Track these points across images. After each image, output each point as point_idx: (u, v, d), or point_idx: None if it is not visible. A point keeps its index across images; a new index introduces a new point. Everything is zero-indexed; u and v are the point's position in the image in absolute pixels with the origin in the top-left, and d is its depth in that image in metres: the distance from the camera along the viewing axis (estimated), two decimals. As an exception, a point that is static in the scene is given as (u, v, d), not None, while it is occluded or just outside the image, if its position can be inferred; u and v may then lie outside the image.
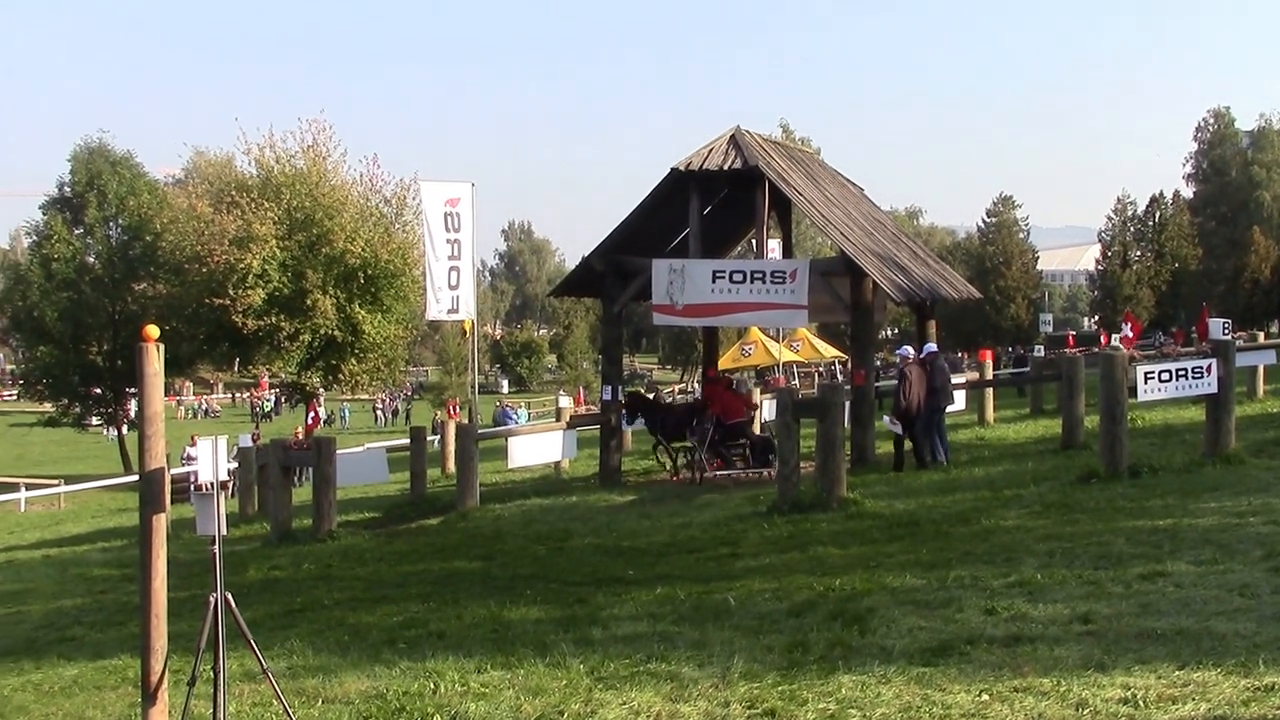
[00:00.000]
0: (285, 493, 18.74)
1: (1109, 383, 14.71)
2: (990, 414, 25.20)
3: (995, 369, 34.98)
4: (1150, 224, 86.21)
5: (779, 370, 48.34)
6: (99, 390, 49.33)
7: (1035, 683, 6.63)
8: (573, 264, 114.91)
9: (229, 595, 6.91)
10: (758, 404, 24.92)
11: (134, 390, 47.34)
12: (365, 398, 69.63)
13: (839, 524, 13.58)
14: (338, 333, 39.31)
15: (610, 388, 21.34)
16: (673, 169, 19.82)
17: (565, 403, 33.53)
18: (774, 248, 24.63)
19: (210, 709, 7.10)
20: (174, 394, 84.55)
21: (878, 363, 21.81)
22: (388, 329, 40.60)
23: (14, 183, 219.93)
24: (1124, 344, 26.84)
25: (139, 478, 7.02)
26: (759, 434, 21.88)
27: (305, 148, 39.92)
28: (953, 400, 19.84)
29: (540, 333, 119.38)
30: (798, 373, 56.52)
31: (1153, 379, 15.06)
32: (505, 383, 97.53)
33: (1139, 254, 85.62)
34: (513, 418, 52.57)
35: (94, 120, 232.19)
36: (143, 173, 50.33)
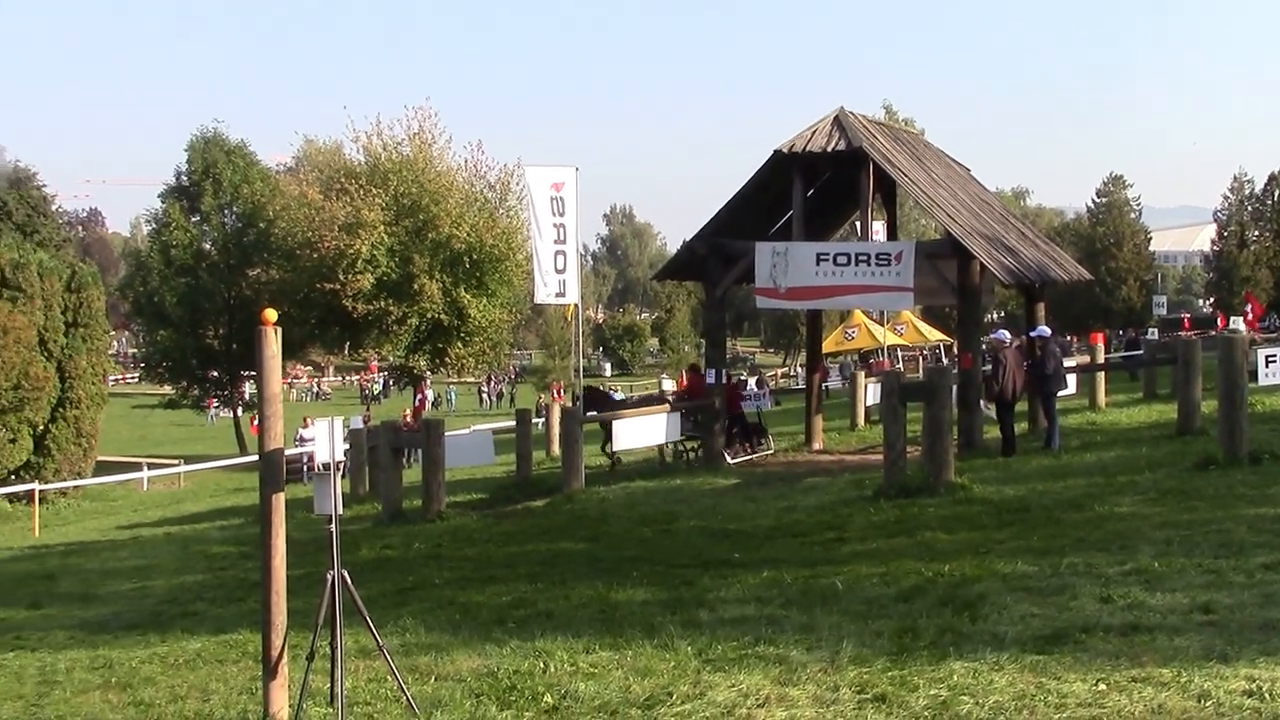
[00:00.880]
0: (396, 474, 19.06)
1: (1228, 366, 14.33)
2: (1102, 398, 24.68)
3: (1106, 352, 34.27)
4: (1269, 203, 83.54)
5: (883, 353, 47.89)
6: (215, 373, 50.60)
7: (1154, 673, 6.50)
8: (674, 248, 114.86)
9: (345, 573, 7.05)
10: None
11: (249, 373, 48.58)
12: (471, 380, 70.45)
13: (947, 509, 13.43)
14: (444, 317, 39.86)
15: (714, 371, 21.32)
16: (776, 151, 19.71)
17: (668, 386, 33.53)
18: (878, 230, 24.39)
19: (327, 684, 7.26)
20: (286, 377, 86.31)
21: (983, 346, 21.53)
22: (492, 313, 41.05)
23: (136, 172, 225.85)
24: (1246, 326, 26.09)
25: (259, 457, 7.18)
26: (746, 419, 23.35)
27: (411, 135, 40.53)
28: (1065, 385, 19.50)
29: (642, 316, 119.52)
30: (902, 356, 55.95)
31: (1274, 363, 14.68)
32: (608, 366, 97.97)
33: (1257, 234, 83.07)
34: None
35: (210, 110, 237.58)
36: (256, 161, 51.44)
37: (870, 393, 27.70)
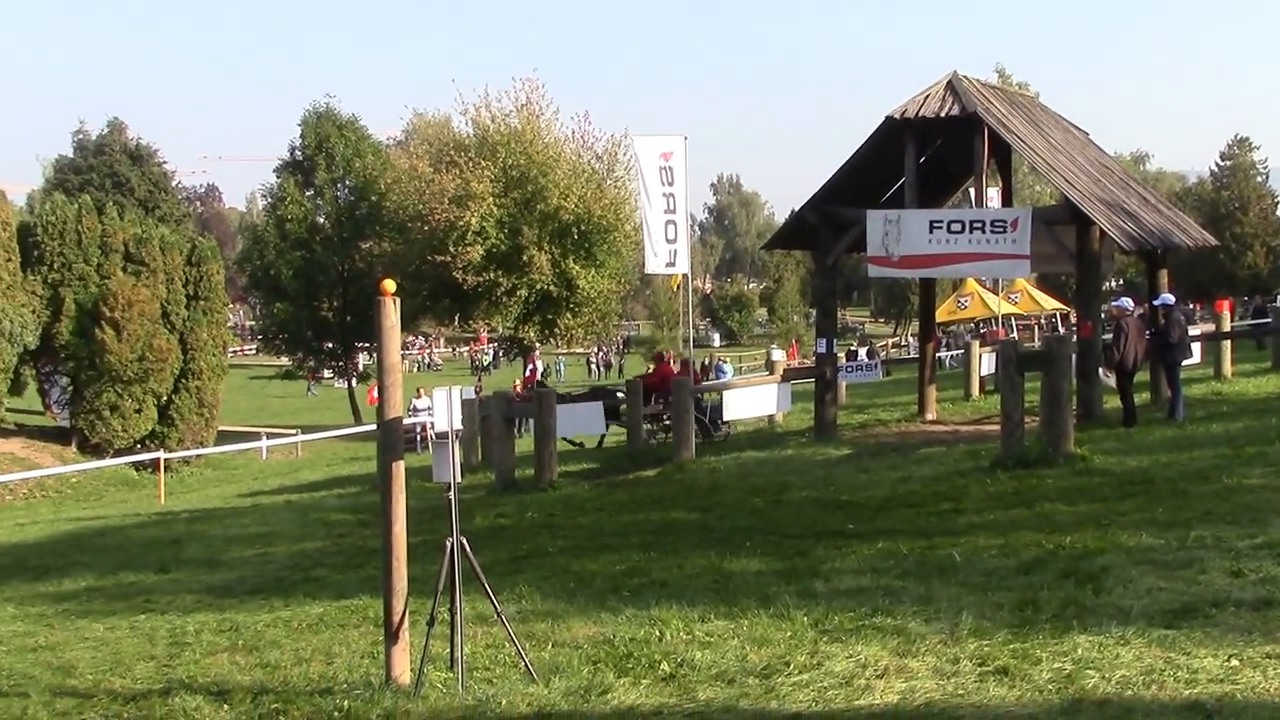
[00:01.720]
0: (508, 443, 19.23)
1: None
2: (1228, 368, 23.97)
3: (1232, 320, 33.27)
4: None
5: (997, 322, 47.10)
6: (330, 344, 51.58)
7: (1289, 648, 6.31)
8: (782, 217, 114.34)
9: (464, 540, 7.13)
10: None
11: (362, 344, 49.41)
12: (580, 351, 70.92)
13: (1066, 480, 13.18)
14: (553, 288, 40.07)
15: (824, 341, 21.13)
16: (887, 117, 19.40)
17: (778, 356, 33.36)
18: (993, 196, 23.92)
19: (446, 649, 7.36)
20: (407, 348, 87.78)
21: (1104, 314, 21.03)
22: (601, 283, 41.15)
23: (250, 149, 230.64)
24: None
25: (378, 426, 7.28)
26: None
27: (519, 106, 40.70)
28: (1190, 354, 18.98)
29: (750, 286, 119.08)
30: (1016, 325, 54.97)
31: None
32: (716, 336, 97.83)
33: (1390, 197, 79.97)
34: (724, 371, 52.67)
35: (322, 86, 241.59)
36: (367, 135, 52.18)
37: (985, 362, 27.25)
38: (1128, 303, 18.42)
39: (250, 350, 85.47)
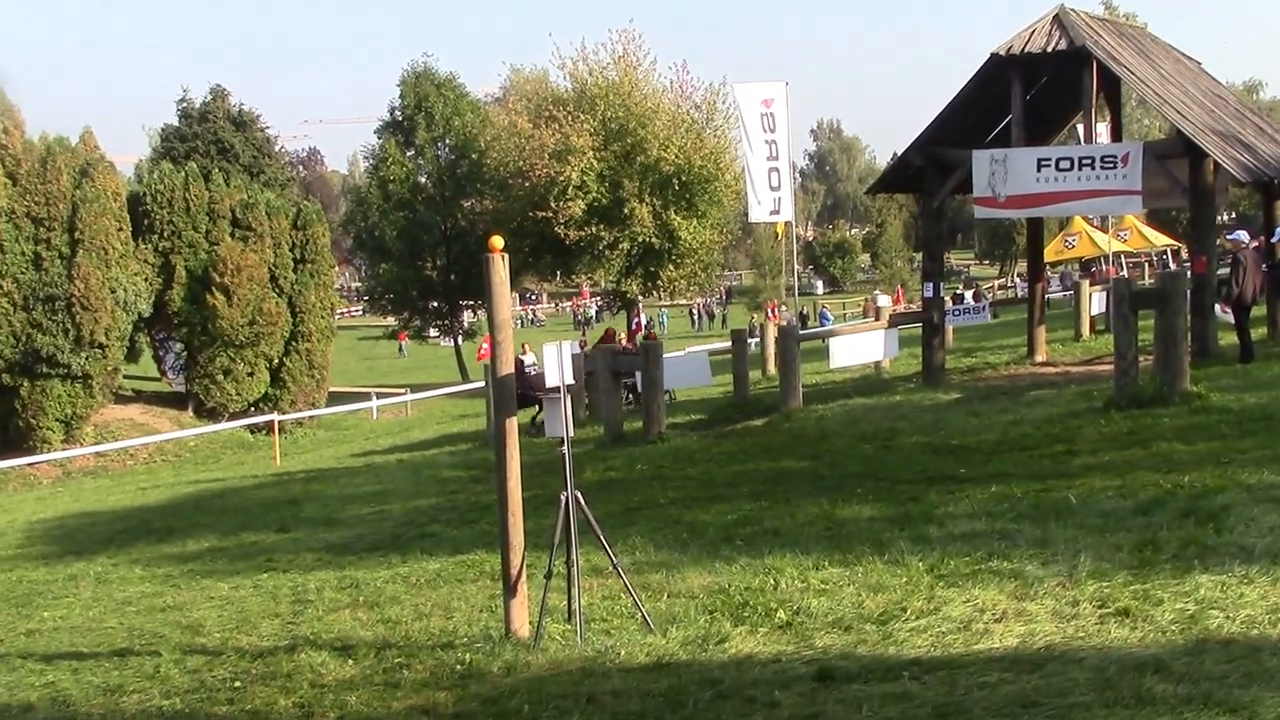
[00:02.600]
0: (616, 397, 19.34)
1: None
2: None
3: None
4: None
5: (1108, 261, 46.02)
6: (435, 303, 52.12)
7: None
8: (883, 161, 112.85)
9: (579, 494, 7.21)
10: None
11: (467, 302, 49.83)
12: (683, 303, 70.90)
13: (1183, 419, 12.91)
14: (655, 240, 40.04)
15: (932, 284, 20.86)
16: (992, 54, 19.04)
17: (884, 301, 33.07)
18: (1101, 132, 23.34)
19: (563, 601, 7.48)
20: (524, 304, 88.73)
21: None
22: (703, 234, 41.00)
23: (350, 112, 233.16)
24: None
25: (489, 383, 7.37)
26: None
27: (616, 59, 40.54)
28: (1309, 287, 18.45)
29: (852, 232, 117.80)
30: (1126, 263, 53.67)
31: None
32: (819, 284, 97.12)
33: None
34: (827, 319, 52.38)
35: (418, 46, 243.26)
36: (465, 93, 52.35)
37: (1095, 302, 26.74)
38: (1243, 236, 17.94)
39: (357, 311, 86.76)
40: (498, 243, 6.94)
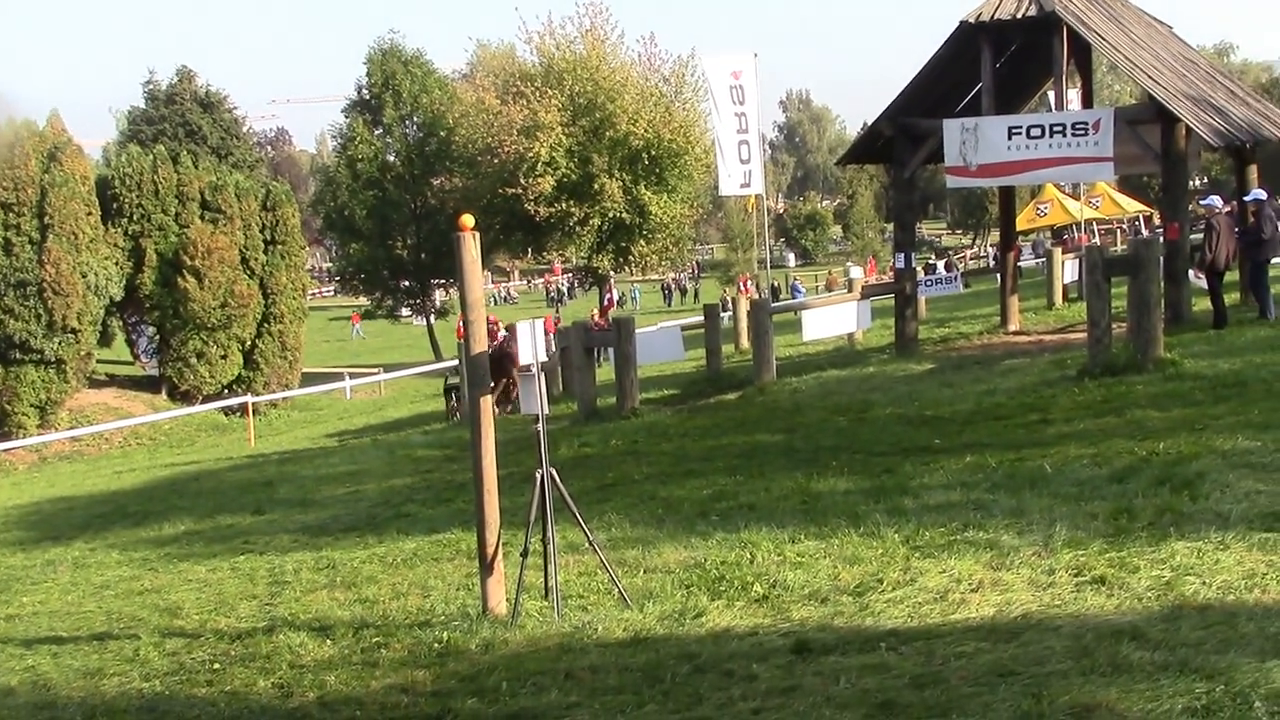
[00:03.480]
0: (589, 373, 19.29)
1: None
2: (1319, 264, 23.38)
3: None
4: None
5: (1080, 229, 46.16)
6: (406, 283, 51.96)
7: (1396, 547, 6.19)
8: (854, 132, 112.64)
9: (554, 471, 7.18)
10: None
11: (438, 281, 49.70)
12: (655, 278, 70.82)
13: (1157, 386, 12.95)
14: (625, 215, 39.96)
15: (904, 255, 20.85)
16: (962, 22, 18.99)
17: (856, 273, 33.07)
18: (1073, 98, 23.33)
19: (540, 579, 7.45)
20: (499, 282, 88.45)
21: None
22: (673, 209, 40.96)
23: (316, 91, 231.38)
24: None
25: (462, 361, 7.32)
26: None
27: (583, 32, 40.36)
28: None
29: (823, 204, 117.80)
30: (1098, 230, 53.84)
31: None
32: (791, 256, 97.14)
33: None
34: (800, 292, 52.44)
35: (384, 22, 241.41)
36: (433, 70, 52.09)
37: (1068, 270, 26.80)
38: (1217, 201, 17.99)
39: (328, 292, 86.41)
40: (468, 221, 6.88)
